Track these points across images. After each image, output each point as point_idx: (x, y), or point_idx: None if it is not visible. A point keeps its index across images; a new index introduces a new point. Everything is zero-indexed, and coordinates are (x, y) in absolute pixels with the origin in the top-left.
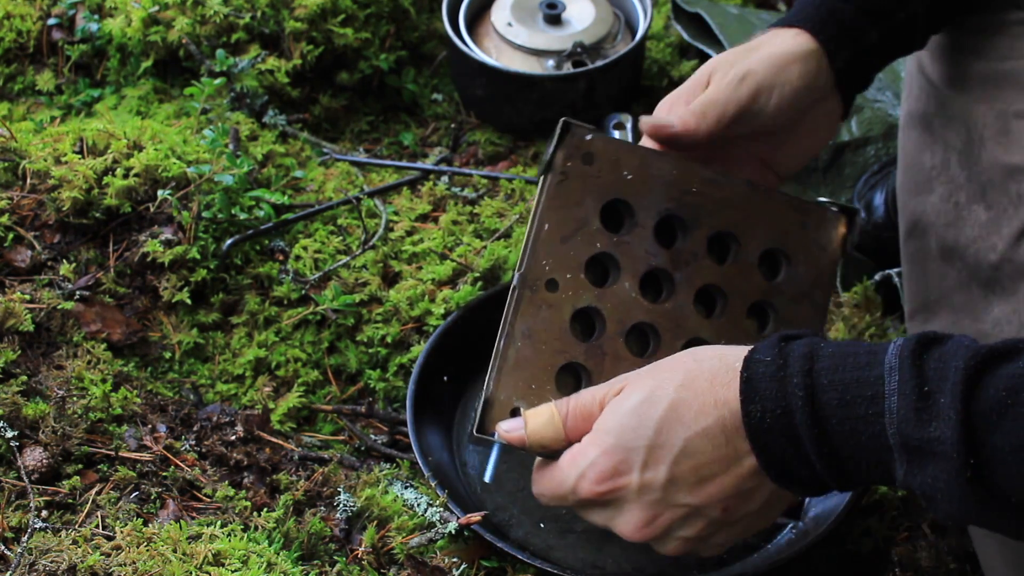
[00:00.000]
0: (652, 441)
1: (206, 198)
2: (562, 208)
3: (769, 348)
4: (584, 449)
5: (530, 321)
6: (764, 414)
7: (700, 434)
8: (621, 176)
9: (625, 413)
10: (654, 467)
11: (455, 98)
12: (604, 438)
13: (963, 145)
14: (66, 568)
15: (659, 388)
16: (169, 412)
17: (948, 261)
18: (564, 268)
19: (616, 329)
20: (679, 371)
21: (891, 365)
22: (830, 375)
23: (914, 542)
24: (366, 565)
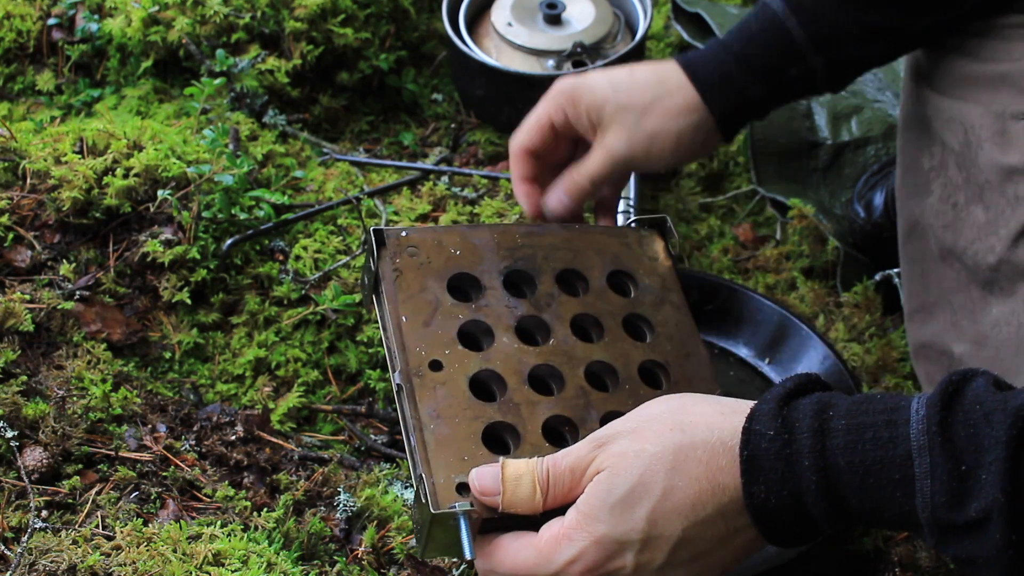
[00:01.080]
0: (647, 534)
1: (206, 198)
2: (411, 299)
3: (771, 418)
4: (571, 534)
5: (431, 404)
6: (769, 495)
7: (699, 523)
8: (450, 254)
9: (615, 503)
10: (650, 555)
11: (455, 98)
12: (595, 527)
13: (960, 147)
14: (66, 568)
15: (648, 474)
16: (169, 412)
17: (947, 262)
18: (440, 347)
19: (517, 381)
20: (668, 450)
21: (919, 444)
22: (847, 456)
23: (914, 542)
24: (366, 565)
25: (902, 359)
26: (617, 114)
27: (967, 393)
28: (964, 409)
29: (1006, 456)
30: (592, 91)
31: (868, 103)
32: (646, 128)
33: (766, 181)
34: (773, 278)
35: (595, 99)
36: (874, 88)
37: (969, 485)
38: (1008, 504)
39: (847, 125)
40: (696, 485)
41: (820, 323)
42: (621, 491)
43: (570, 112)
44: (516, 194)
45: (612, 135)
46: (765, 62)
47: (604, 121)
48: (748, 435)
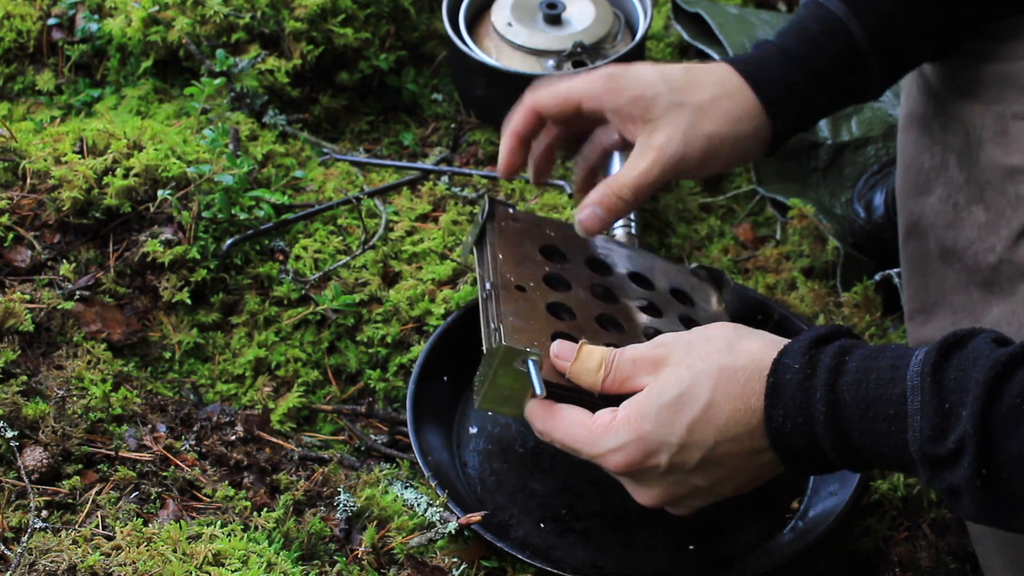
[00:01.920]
0: (685, 439)
1: (206, 198)
2: (508, 245)
3: (799, 354)
4: (619, 426)
5: (513, 306)
6: (786, 420)
7: (730, 439)
8: (545, 233)
9: (663, 407)
10: (683, 458)
11: (455, 98)
12: (642, 424)
13: (962, 146)
14: (66, 568)
15: (695, 386)
16: (169, 412)
17: (947, 262)
18: (527, 279)
19: (585, 315)
20: (714, 368)
21: (913, 384)
22: (853, 391)
23: (914, 542)
24: (366, 565)
25: None
26: (671, 111)
27: (967, 344)
28: (959, 356)
29: (982, 393)
30: (640, 82)
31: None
32: (704, 130)
33: (766, 181)
34: (773, 278)
35: (644, 91)
36: None
37: (951, 421)
38: (977, 437)
39: (847, 125)
40: (732, 403)
41: (820, 323)
42: (668, 397)
43: (609, 101)
44: (501, 144)
45: (664, 134)
46: (831, 70)
47: (655, 118)
48: (777, 365)
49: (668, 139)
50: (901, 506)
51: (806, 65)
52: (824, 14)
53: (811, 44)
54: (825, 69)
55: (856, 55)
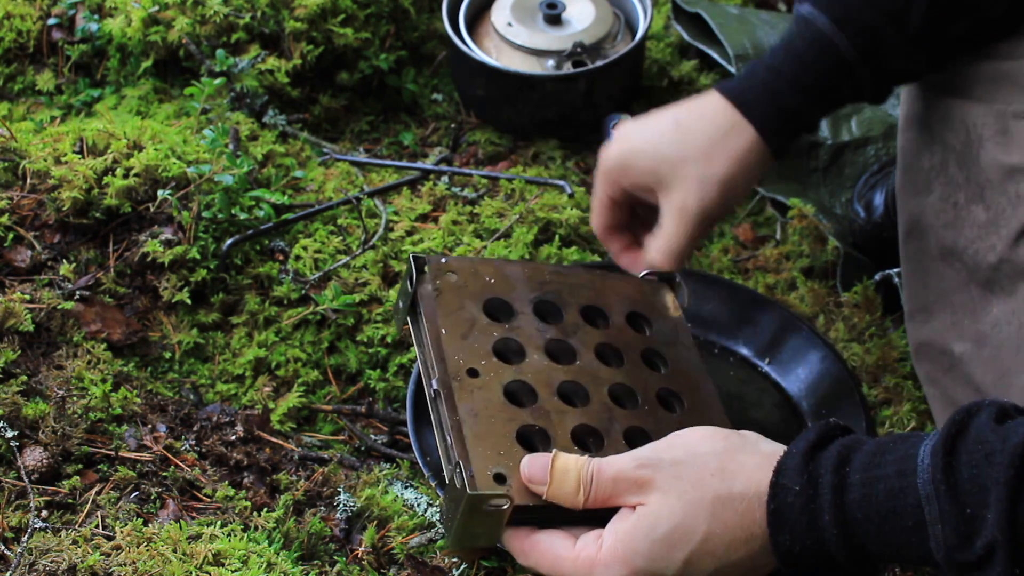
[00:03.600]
0: (682, 571)
1: (206, 198)
2: (449, 315)
3: (797, 473)
4: (609, 562)
5: (469, 404)
6: (794, 543)
7: (730, 564)
8: (485, 281)
9: (656, 541)
10: None
11: (455, 98)
12: (634, 560)
13: (962, 146)
14: (66, 568)
15: (689, 517)
16: (169, 412)
17: (947, 261)
18: (476, 358)
19: (547, 392)
20: (708, 497)
21: (927, 492)
22: (863, 508)
23: None
24: (366, 565)
25: (902, 359)
26: (676, 170)
27: (970, 432)
28: (967, 451)
29: (1005, 496)
30: (639, 157)
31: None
32: (715, 175)
33: (766, 181)
34: (773, 278)
35: (645, 167)
36: None
37: (976, 525)
38: (1007, 541)
39: (847, 125)
40: (731, 533)
41: (820, 323)
42: (661, 531)
43: (624, 181)
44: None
45: (678, 193)
46: (820, 84)
47: (664, 183)
48: (775, 489)
49: (684, 196)
50: None
51: (795, 83)
52: (810, 29)
53: (797, 60)
54: (815, 85)
55: (844, 67)
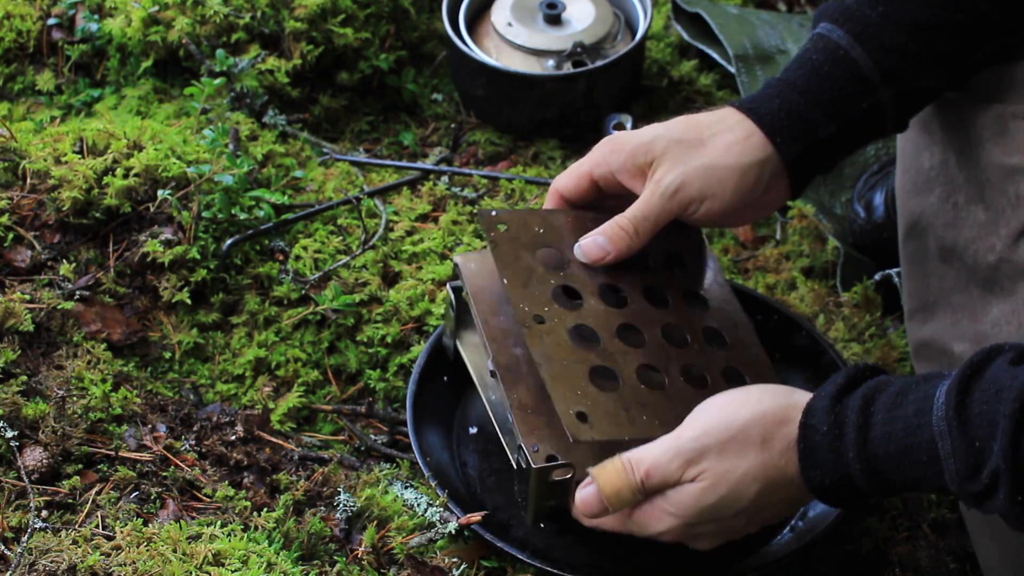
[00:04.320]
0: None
1: (206, 198)
2: (508, 266)
3: (824, 415)
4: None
5: (540, 348)
6: (824, 478)
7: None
8: (535, 232)
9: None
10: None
11: (455, 98)
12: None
13: (962, 146)
14: (66, 568)
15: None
16: (169, 412)
17: (947, 261)
18: (539, 305)
19: (608, 334)
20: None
21: (940, 429)
22: (884, 445)
23: (914, 542)
24: (366, 565)
25: (902, 359)
26: (669, 148)
27: (986, 374)
28: (981, 389)
29: (1010, 428)
30: (640, 135)
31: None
32: (702, 161)
33: None
34: (773, 278)
35: (642, 141)
36: None
37: (983, 458)
38: (1009, 470)
39: None
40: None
41: (820, 323)
42: (714, 499)
43: (614, 161)
44: None
45: (662, 169)
46: (834, 95)
47: (655, 158)
48: (804, 430)
49: (665, 172)
50: (901, 506)
51: (807, 91)
52: (826, 44)
53: (811, 71)
54: (828, 94)
55: (862, 81)
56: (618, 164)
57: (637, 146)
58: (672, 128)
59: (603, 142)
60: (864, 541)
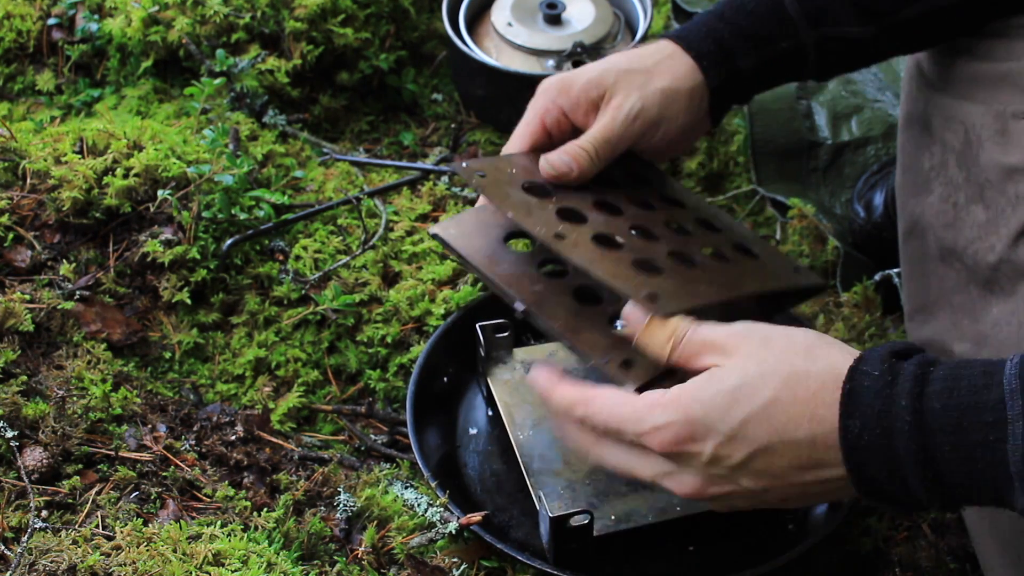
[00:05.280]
0: (735, 431)
1: (206, 198)
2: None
3: (879, 361)
4: (668, 404)
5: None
6: (863, 431)
7: (785, 442)
8: (510, 173)
9: (719, 392)
10: (729, 451)
11: (455, 98)
12: (692, 406)
13: (961, 146)
14: (66, 568)
15: (761, 379)
16: (169, 412)
17: (947, 262)
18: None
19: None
20: (786, 368)
21: (1012, 387)
22: (943, 398)
23: (914, 542)
24: (366, 565)
25: None
26: (622, 78)
27: None
28: None
29: None
30: (584, 72)
31: (868, 103)
32: (657, 86)
33: (766, 181)
34: None
35: (591, 76)
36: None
37: None
38: None
39: (847, 125)
40: (797, 407)
41: (820, 323)
42: (728, 385)
43: (564, 102)
44: None
45: (620, 96)
46: (757, 31)
47: (607, 88)
48: (853, 372)
49: (625, 96)
50: None
51: (733, 23)
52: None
53: (739, 6)
54: (752, 29)
55: (786, 20)
56: (569, 103)
57: (588, 81)
58: (617, 61)
59: (544, 88)
60: (864, 541)
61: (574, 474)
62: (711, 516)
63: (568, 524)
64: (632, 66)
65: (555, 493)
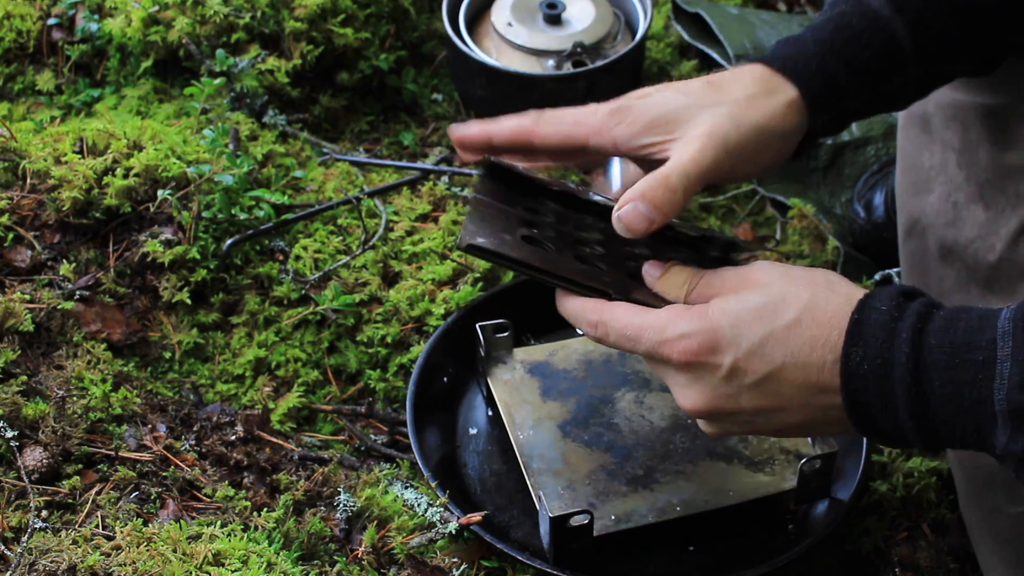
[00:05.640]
0: (756, 347)
1: (206, 198)
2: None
3: (888, 298)
4: (693, 314)
5: None
6: (863, 359)
7: (799, 365)
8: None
9: (746, 309)
10: (746, 366)
11: (455, 98)
12: (719, 317)
13: (961, 145)
14: (66, 568)
15: (785, 302)
16: (169, 412)
17: (947, 261)
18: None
19: None
20: (809, 291)
21: (1004, 329)
22: (939, 336)
23: (914, 542)
24: (366, 565)
25: None
26: (704, 110)
27: None
28: None
29: None
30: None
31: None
32: (751, 120)
33: (766, 181)
34: None
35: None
36: None
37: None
38: None
39: None
40: (814, 330)
41: None
42: (755, 303)
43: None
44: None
45: (707, 122)
46: (872, 67)
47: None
48: (863, 305)
49: (714, 124)
50: (901, 506)
51: (848, 58)
52: (865, 10)
53: (852, 37)
54: (866, 64)
55: (898, 55)
56: (626, 138)
57: (657, 118)
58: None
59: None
60: (864, 541)
61: (574, 474)
62: (711, 516)
63: (568, 524)
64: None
65: (555, 493)
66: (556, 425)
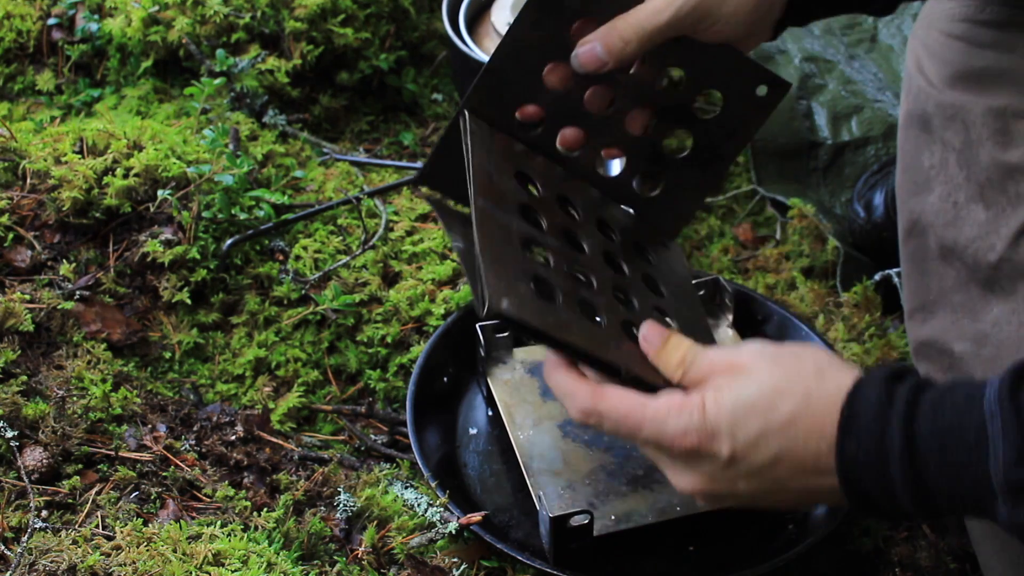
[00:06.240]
0: (751, 440)
1: (206, 198)
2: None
3: (876, 384)
4: (693, 409)
5: None
6: (859, 451)
7: (795, 454)
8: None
9: (742, 403)
10: (741, 457)
11: (455, 98)
12: (715, 412)
13: (962, 144)
14: (66, 568)
15: (780, 393)
16: (169, 412)
17: (947, 261)
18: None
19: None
20: (801, 389)
21: (992, 410)
22: (930, 422)
23: (914, 542)
24: (366, 565)
25: (902, 359)
26: None
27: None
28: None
29: None
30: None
31: (868, 103)
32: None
33: (766, 181)
34: (773, 278)
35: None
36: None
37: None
38: None
39: (847, 125)
40: (808, 422)
41: (820, 323)
42: (748, 397)
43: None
44: None
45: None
46: None
47: None
48: (852, 396)
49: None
50: None
51: None
52: None
53: None
54: None
55: None
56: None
57: None
58: None
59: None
60: (864, 541)
61: (574, 474)
62: (711, 516)
63: (568, 524)
64: None
65: (555, 493)
66: (556, 425)
